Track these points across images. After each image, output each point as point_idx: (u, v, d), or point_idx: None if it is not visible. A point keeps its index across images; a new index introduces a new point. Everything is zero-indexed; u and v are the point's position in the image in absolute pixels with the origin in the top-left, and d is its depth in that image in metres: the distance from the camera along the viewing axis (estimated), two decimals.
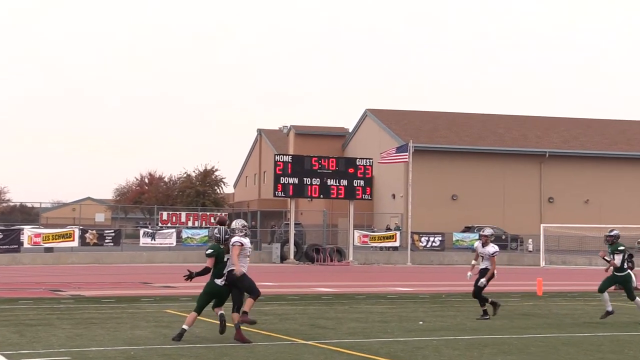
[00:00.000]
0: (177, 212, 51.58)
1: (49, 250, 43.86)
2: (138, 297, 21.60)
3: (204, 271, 13.18)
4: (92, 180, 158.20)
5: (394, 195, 62.25)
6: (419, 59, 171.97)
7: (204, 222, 49.50)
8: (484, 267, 17.60)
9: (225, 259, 13.09)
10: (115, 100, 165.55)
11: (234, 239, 13.08)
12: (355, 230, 49.17)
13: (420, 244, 51.35)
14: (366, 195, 47.03)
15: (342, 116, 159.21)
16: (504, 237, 56.30)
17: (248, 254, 13.23)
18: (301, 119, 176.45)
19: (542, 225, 52.08)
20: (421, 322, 16.42)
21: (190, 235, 47.29)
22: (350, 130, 74.54)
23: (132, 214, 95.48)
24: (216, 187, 77.42)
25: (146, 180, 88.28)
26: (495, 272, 17.55)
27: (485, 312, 17.28)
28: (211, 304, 13.25)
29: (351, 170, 46.49)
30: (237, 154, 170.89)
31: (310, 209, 63.04)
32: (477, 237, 52.53)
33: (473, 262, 17.93)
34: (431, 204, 59.87)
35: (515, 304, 21.18)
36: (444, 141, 62.82)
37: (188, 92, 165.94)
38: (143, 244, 46.39)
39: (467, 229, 56.30)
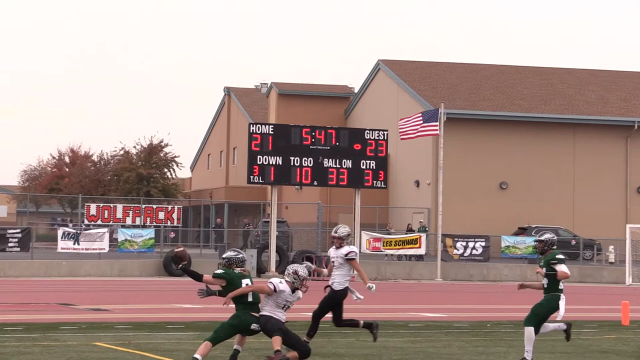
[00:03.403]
0: (111, 205, 51.51)
1: None
2: (56, 323, 21.65)
3: (196, 277, 15.29)
4: None
5: (417, 183, 62.33)
6: None
7: (148, 219, 49.42)
8: (337, 280, 17.66)
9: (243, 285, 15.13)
10: (23, 54, 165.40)
11: (272, 279, 15.18)
12: (362, 232, 49.21)
13: (455, 251, 51.37)
14: (379, 182, 47.02)
15: (345, 71, 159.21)
16: (573, 242, 56.38)
17: (282, 305, 15.07)
18: (286, 74, 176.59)
19: (628, 226, 52.09)
20: None
21: (129, 238, 47.23)
22: (356, 90, 74.55)
23: (47, 206, 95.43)
24: (166, 170, 77.36)
25: (66, 160, 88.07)
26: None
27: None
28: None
29: (358, 147, 46.45)
30: (196, 122, 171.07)
31: (299, 201, 62.99)
32: (534, 242, 52.75)
33: (324, 270, 18.58)
34: (471, 195, 59.92)
35: (591, 337, 21.18)
36: (488, 106, 62.83)
37: (125, 41, 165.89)
38: (62, 249, 46.32)
39: (522, 231, 56.33)
